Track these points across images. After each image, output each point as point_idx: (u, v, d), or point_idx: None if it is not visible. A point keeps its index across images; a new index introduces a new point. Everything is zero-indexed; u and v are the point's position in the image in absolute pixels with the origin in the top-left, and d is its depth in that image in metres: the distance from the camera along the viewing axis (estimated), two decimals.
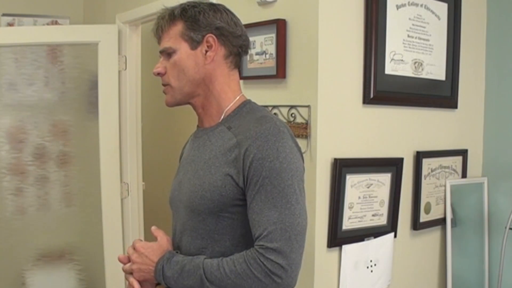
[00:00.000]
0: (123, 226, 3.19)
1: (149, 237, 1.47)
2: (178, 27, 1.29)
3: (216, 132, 1.29)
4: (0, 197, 3.05)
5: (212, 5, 1.31)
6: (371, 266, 2.07)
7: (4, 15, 3.20)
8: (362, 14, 2.04)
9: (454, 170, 2.48)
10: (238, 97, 1.33)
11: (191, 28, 1.27)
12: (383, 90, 2.09)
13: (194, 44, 1.28)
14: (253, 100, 1.40)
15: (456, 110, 2.47)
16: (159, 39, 1.34)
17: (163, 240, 1.32)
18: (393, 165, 2.14)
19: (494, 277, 2.50)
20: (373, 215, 2.09)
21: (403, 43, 2.18)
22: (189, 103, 1.36)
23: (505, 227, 2.34)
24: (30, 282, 3.10)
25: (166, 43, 1.31)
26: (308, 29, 1.94)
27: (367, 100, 2.06)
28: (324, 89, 1.93)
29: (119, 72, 3.14)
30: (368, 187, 2.05)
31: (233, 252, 1.21)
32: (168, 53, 1.31)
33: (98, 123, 3.09)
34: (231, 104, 1.32)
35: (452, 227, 2.43)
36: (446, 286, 2.43)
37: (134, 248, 1.31)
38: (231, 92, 1.33)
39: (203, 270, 1.16)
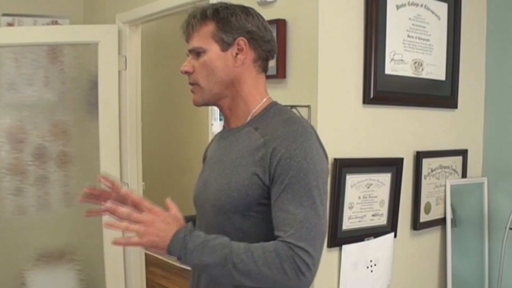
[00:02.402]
0: None
1: None
2: (209, 28, 1.28)
3: (243, 133, 1.30)
4: (0, 197, 3.05)
5: (244, 8, 1.31)
6: (371, 266, 2.07)
7: (4, 15, 3.20)
8: (362, 14, 2.04)
9: (454, 170, 2.49)
10: (265, 99, 1.34)
11: (223, 30, 1.27)
12: (383, 90, 2.09)
13: (225, 46, 1.28)
14: None
15: (456, 110, 2.47)
16: (188, 37, 1.33)
17: (178, 214, 1.23)
18: (393, 165, 2.14)
19: (494, 277, 2.50)
20: (373, 215, 2.09)
21: (403, 43, 2.18)
22: (216, 104, 1.36)
23: (505, 227, 2.35)
24: (30, 282, 3.10)
25: (196, 43, 1.30)
26: (308, 29, 1.94)
27: (367, 100, 2.06)
28: (324, 89, 1.93)
29: (119, 72, 3.14)
30: (368, 187, 2.05)
31: None
32: (197, 52, 1.31)
33: (98, 123, 3.09)
34: (258, 106, 1.33)
35: (452, 227, 2.43)
36: (446, 286, 2.43)
37: (145, 209, 1.17)
38: (258, 94, 1.34)
39: (230, 249, 1.13)
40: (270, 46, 1.33)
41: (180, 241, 1.14)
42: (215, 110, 2.32)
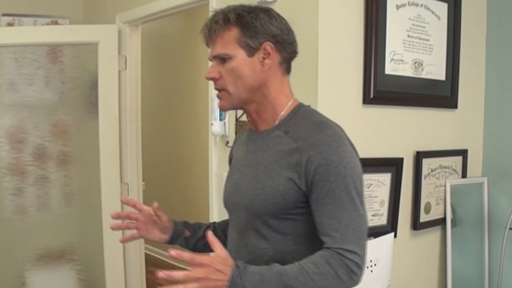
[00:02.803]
0: None
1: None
2: (233, 33, 1.26)
3: (273, 137, 1.30)
4: (0, 197, 3.05)
5: (266, 10, 1.31)
6: (371, 266, 2.07)
7: (4, 15, 3.20)
8: (362, 14, 2.04)
9: (454, 170, 2.48)
10: (291, 102, 1.35)
11: (248, 35, 1.26)
12: (383, 90, 2.09)
13: (251, 51, 1.27)
14: None
15: (456, 110, 2.47)
16: (209, 42, 1.31)
17: (223, 252, 1.18)
18: (393, 165, 2.14)
19: (494, 277, 2.50)
20: (373, 215, 2.09)
21: (403, 43, 2.18)
22: (242, 108, 1.36)
23: (505, 227, 2.35)
24: (30, 282, 3.10)
25: (221, 49, 1.28)
26: (308, 29, 1.94)
27: (367, 100, 2.06)
28: (324, 89, 1.93)
29: (119, 72, 3.14)
30: (368, 187, 2.05)
31: (295, 251, 1.23)
32: (222, 58, 1.29)
33: (98, 123, 3.09)
34: (285, 109, 1.33)
35: (452, 227, 2.43)
36: (446, 286, 2.43)
37: (197, 264, 1.14)
38: (284, 97, 1.34)
39: (287, 277, 1.14)
40: (293, 47, 1.33)
41: (236, 285, 1.13)
42: (215, 110, 2.31)
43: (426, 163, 2.32)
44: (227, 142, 2.35)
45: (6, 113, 3.06)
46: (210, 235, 1.19)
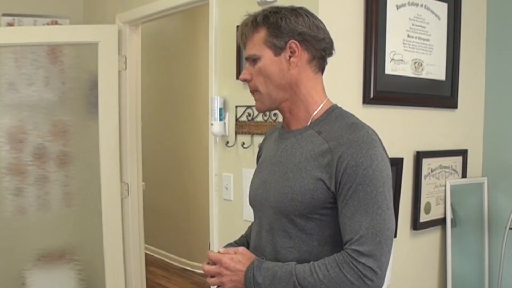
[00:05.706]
0: (123, 226, 3.19)
1: (148, 237, 1.47)
2: (261, 34, 1.30)
3: (305, 136, 1.31)
4: (0, 197, 3.05)
5: (293, 10, 1.32)
6: None
7: (4, 15, 3.20)
8: (362, 14, 2.04)
9: (454, 170, 2.49)
10: (324, 102, 1.36)
11: (274, 35, 1.29)
12: (383, 90, 2.09)
13: (278, 50, 1.30)
14: (252, 101, 1.40)
15: (456, 110, 2.47)
16: (244, 45, 1.36)
17: (242, 248, 1.33)
18: (393, 165, 2.12)
19: (494, 277, 2.50)
20: None
21: (403, 43, 2.18)
22: (277, 108, 1.38)
23: (505, 227, 2.35)
24: (30, 282, 3.10)
25: (251, 50, 1.32)
26: None
27: (367, 100, 2.06)
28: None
29: (119, 72, 3.14)
30: None
31: (320, 251, 1.24)
32: (253, 60, 1.33)
33: (98, 123, 3.09)
34: (319, 109, 1.34)
35: (452, 227, 2.43)
36: (446, 286, 2.43)
37: (217, 261, 1.30)
38: (318, 96, 1.35)
39: (296, 276, 1.18)
40: (324, 44, 1.33)
41: (250, 279, 1.24)
42: (215, 110, 2.31)
43: (426, 163, 2.32)
44: (227, 142, 2.35)
45: (6, 113, 3.06)
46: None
